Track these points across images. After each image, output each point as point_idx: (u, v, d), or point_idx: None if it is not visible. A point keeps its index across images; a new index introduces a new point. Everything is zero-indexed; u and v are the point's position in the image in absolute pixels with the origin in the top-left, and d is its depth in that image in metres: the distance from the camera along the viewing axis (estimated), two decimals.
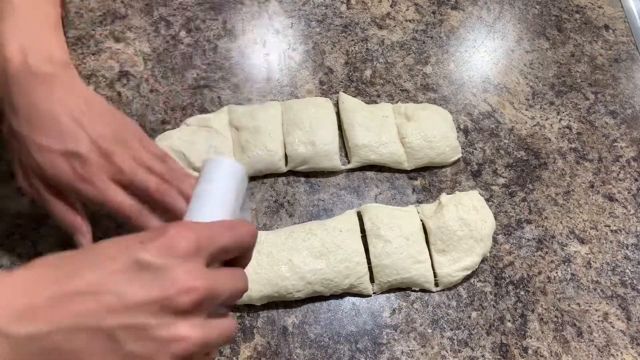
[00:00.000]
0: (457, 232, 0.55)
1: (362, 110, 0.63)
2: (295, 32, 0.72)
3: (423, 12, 0.77)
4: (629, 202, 0.65)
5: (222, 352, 0.51)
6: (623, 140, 0.70)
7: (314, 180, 0.61)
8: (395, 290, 0.56)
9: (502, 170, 0.65)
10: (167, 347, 0.28)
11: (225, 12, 0.72)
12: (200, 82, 0.66)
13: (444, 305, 0.55)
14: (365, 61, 0.71)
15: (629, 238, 0.62)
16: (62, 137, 0.40)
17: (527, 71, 0.74)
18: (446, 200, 0.57)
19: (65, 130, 0.40)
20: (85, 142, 0.41)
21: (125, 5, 0.70)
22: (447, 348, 0.53)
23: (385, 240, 0.54)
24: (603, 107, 0.72)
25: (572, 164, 0.67)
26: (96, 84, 0.64)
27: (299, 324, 0.53)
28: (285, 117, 0.61)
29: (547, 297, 0.57)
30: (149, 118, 0.62)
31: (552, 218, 0.63)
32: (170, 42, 0.68)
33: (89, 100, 0.43)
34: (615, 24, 0.81)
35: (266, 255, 0.52)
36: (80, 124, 0.41)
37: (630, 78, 0.76)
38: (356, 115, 0.62)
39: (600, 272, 0.60)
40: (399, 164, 0.62)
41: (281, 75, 0.68)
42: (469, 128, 0.67)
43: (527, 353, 0.54)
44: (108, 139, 0.41)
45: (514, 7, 0.80)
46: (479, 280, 0.57)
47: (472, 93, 0.70)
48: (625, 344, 0.56)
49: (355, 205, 0.60)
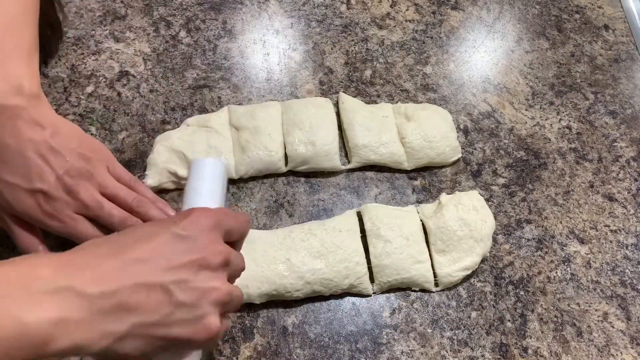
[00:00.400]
0: (457, 232, 0.55)
1: (362, 110, 0.63)
2: (295, 32, 0.72)
3: (423, 12, 0.77)
4: (629, 202, 0.65)
5: (222, 352, 0.51)
6: (623, 140, 0.70)
7: (314, 180, 0.61)
8: (395, 290, 0.56)
9: (502, 170, 0.65)
10: (208, 295, 0.35)
11: (225, 12, 0.72)
12: (200, 82, 0.66)
13: (444, 305, 0.55)
14: (365, 61, 0.71)
15: (628, 238, 0.62)
16: (29, 175, 0.42)
17: (527, 71, 0.74)
18: (446, 200, 0.57)
19: (31, 168, 0.42)
20: (51, 179, 0.42)
21: (125, 5, 0.70)
22: (447, 348, 0.53)
23: (385, 240, 0.54)
24: (603, 107, 0.72)
25: (571, 164, 0.67)
26: (96, 84, 0.64)
27: (299, 324, 0.53)
28: (285, 117, 0.61)
29: (547, 297, 0.57)
30: (149, 118, 0.62)
31: (552, 218, 0.63)
32: (170, 42, 0.68)
33: (56, 131, 0.44)
34: (615, 24, 0.81)
35: (262, 254, 0.52)
36: (46, 160, 0.43)
37: (630, 78, 0.76)
38: (356, 115, 0.62)
39: (600, 272, 0.60)
40: (399, 164, 0.62)
41: (281, 75, 0.68)
42: (469, 128, 0.68)
43: (527, 353, 0.54)
44: (73, 174, 0.43)
45: (513, 7, 0.80)
46: (478, 280, 0.57)
47: (472, 93, 0.71)
48: (625, 344, 0.56)
49: (355, 205, 0.60)
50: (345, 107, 0.64)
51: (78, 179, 0.44)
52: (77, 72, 0.64)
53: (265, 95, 0.66)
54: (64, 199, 0.43)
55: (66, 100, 0.62)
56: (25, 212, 0.43)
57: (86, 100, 0.63)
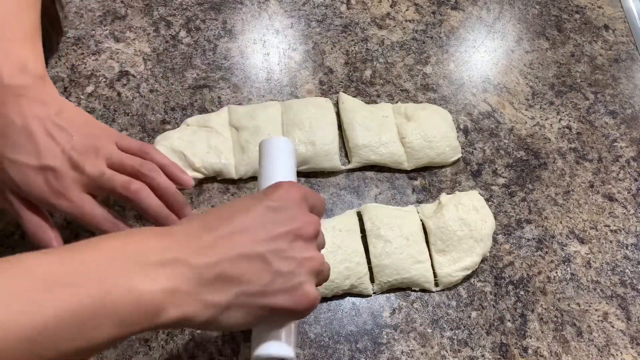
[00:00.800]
0: (457, 232, 0.56)
1: (362, 110, 0.63)
2: (295, 32, 0.72)
3: (423, 12, 0.77)
4: (629, 202, 0.65)
5: (222, 352, 0.51)
6: (623, 140, 0.70)
7: (314, 180, 0.61)
8: (395, 290, 0.56)
9: (502, 170, 0.65)
10: (304, 264, 0.37)
11: (225, 12, 0.72)
12: (200, 82, 0.66)
13: (444, 305, 0.55)
14: (365, 61, 0.71)
15: (628, 238, 0.62)
16: (36, 152, 0.41)
17: (527, 71, 0.74)
18: (446, 200, 0.57)
19: (39, 145, 0.41)
20: (58, 155, 0.42)
21: (125, 5, 0.70)
22: (447, 348, 0.53)
23: (386, 240, 0.54)
24: (603, 107, 0.72)
25: (571, 163, 0.67)
26: (96, 84, 0.64)
27: (299, 324, 0.53)
28: (285, 117, 0.61)
29: (547, 297, 0.57)
30: (149, 118, 0.62)
31: (552, 218, 0.63)
32: (170, 42, 0.68)
33: (62, 110, 0.44)
34: (615, 24, 0.81)
35: None
36: (52, 137, 0.42)
37: (630, 78, 0.76)
38: (356, 115, 0.62)
39: (600, 272, 0.60)
40: (399, 164, 0.62)
41: (281, 75, 0.68)
42: (469, 128, 0.68)
43: (527, 353, 0.54)
44: (79, 150, 0.43)
45: (513, 7, 0.80)
46: (479, 280, 0.57)
47: (472, 93, 0.71)
48: (625, 344, 0.56)
49: (355, 205, 0.60)
50: (345, 107, 0.64)
51: (84, 155, 0.43)
52: (77, 72, 0.64)
53: (265, 95, 0.66)
54: (71, 175, 0.42)
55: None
56: (34, 192, 0.42)
57: (86, 100, 0.63)
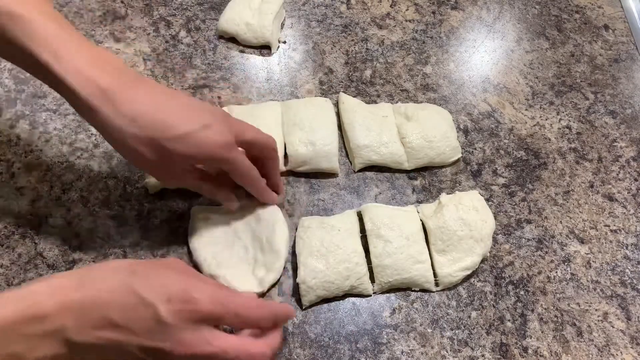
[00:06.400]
0: (457, 232, 0.55)
1: (362, 110, 0.63)
2: (295, 32, 0.72)
3: (423, 12, 0.77)
4: (629, 202, 0.65)
5: None
6: (623, 140, 0.70)
7: (314, 180, 0.61)
8: (395, 290, 0.56)
9: (502, 170, 0.65)
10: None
11: None
12: (200, 82, 0.66)
13: (444, 305, 0.55)
14: (365, 61, 0.71)
15: (628, 238, 0.62)
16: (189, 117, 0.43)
17: (526, 71, 0.74)
18: (446, 200, 0.57)
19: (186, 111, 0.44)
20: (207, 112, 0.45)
21: (125, 5, 0.70)
22: (447, 348, 0.53)
23: (386, 240, 0.54)
24: (603, 107, 0.72)
25: (571, 163, 0.67)
26: None
27: (299, 324, 0.53)
28: (285, 117, 0.61)
29: (547, 297, 0.57)
30: None
31: (551, 218, 0.63)
32: (170, 42, 0.68)
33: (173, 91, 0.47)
34: (615, 24, 0.81)
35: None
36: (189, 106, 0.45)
37: (630, 78, 0.76)
38: (356, 116, 0.62)
39: (600, 271, 0.60)
40: (399, 164, 0.62)
41: (281, 75, 0.68)
42: (469, 128, 0.68)
43: (527, 353, 0.54)
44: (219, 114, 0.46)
45: (513, 7, 0.80)
46: (479, 280, 0.57)
47: (472, 93, 0.71)
48: (625, 344, 0.56)
49: (355, 205, 0.60)
50: (345, 107, 0.64)
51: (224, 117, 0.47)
52: None
53: (265, 95, 0.66)
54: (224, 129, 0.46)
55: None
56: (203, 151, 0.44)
57: None
